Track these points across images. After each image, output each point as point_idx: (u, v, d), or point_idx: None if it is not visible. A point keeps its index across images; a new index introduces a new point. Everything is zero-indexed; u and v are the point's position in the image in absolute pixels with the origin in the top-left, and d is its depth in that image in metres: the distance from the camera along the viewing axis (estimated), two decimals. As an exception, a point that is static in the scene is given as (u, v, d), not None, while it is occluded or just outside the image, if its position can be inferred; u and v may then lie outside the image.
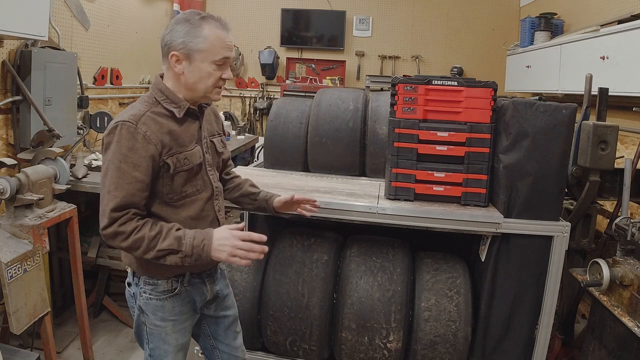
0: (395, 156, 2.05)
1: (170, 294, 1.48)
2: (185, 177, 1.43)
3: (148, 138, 1.33)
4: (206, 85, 1.42)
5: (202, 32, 1.37)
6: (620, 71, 2.65)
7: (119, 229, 1.30)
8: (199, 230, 1.37)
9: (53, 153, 2.41)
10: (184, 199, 1.45)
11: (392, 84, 2.06)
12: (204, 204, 1.50)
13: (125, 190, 1.31)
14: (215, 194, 1.55)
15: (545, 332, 1.97)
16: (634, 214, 2.71)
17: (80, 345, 2.53)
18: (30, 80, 2.55)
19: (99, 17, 3.56)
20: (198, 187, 1.48)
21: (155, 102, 1.42)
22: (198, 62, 1.38)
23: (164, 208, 1.42)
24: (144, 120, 1.35)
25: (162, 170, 1.38)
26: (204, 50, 1.37)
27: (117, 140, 1.32)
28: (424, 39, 5.43)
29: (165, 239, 1.31)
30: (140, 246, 1.31)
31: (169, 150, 1.38)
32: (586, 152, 1.98)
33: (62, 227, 2.78)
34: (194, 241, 1.33)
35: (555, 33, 3.99)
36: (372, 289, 2.04)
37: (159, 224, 1.35)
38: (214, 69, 1.40)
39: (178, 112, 1.42)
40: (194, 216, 1.47)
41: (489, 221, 1.92)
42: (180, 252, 1.32)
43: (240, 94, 5.64)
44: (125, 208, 1.31)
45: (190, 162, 1.44)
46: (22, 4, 2.22)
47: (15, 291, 1.89)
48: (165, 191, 1.41)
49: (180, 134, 1.42)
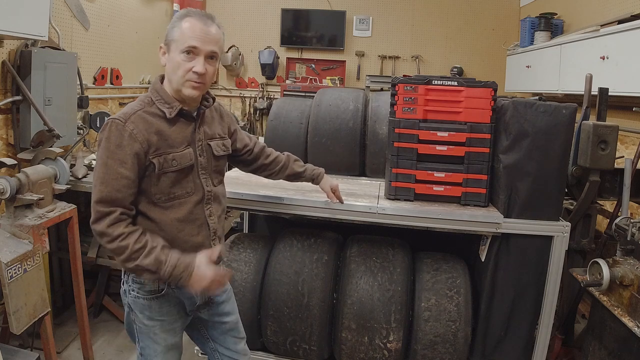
0: (395, 156, 2.05)
1: (157, 294, 1.47)
2: (173, 178, 1.42)
3: (134, 136, 1.35)
4: (177, 76, 1.40)
5: (179, 23, 1.39)
6: (620, 71, 2.65)
7: (107, 229, 1.32)
8: (183, 259, 1.36)
9: (53, 153, 2.41)
10: (172, 200, 1.44)
11: (392, 84, 2.06)
12: (192, 207, 1.48)
13: (111, 186, 1.33)
14: (206, 198, 1.53)
15: (545, 332, 1.97)
16: (634, 214, 2.71)
17: (80, 345, 2.53)
18: (30, 80, 2.55)
19: (99, 17, 3.56)
20: (188, 190, 1.47)
21: (151, 101, 1.43)
22: (172, 52, 1.40)
23: (152, 208, 1.42)
24: (133, 118, 1.37)
25: (149, 169, 1.39)
26: (176, 40, 1.39)
27: (106, 137, 1.35)
28: (424, 39, 5.42)
29: (147, 256, 1.32)
30: (122, 254, 1.32)
31: (156, 150, 1.39)
32: (586, 152, 1.97)
33: (62, 227, 2.78)
34: (174, 270, 1.34)
35: (555, 33, 3.98)
36: (372, 289, 2.04)
37: (145, 238, 1.35)
38: (182, 58, 1.38)
39: (169, 113, 1.42)
40: (181, 218, 1.46)
41: (489, 221, 1.92)
42: (156, 275, 1.34)
43: (240, 94, 5.64)
44: (111, 203, 1.33)
45: (179, 164, 1.43)
46: (22, 4, 2.22)
47: (15, 291, 1.89)
48: (152, 191, 1.41)
49: (170, 134, 1.42)
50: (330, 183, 1.91)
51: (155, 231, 1.42)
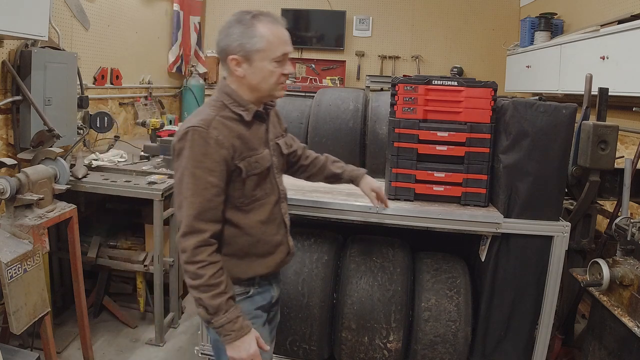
0: (395, 156, 2.05)
1: (246, 296, 1.48)
2: (256, 180, 1.42)
3: (220, 142, 1.32)
4: (269, 84, 1.40)
5: (257, 31, 1.35)
6: (620, 71, 2.65)
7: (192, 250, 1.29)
8: (242, 319, 1.34)
9: (53, 153, 2.41)
10: (254, 202, 1.43)
11: (392, 84, 2.06)
12: (272, 207, 1.49)
13: (202, 197, 1.30)
14: (281, 198, 1.54)
15: (545, 332, 1.97)
16: (634, 214, 2.71)
17: (80, 345, 2.53)
18: (30, 80, 2.55)
19: (99, 17, 3.56)
20: (267, 191, 1.47)
21: (223, 105, 1.40)
22: (258, 62, 1.36)
23: (235, 213, 1.41)
24: (215, 124, 1.34)
25: (235, 174, 1.37)
26: (262, 50, 1.35)
27: (189, 146, 1.31)
28: (424, 39, 5.42)
29: (215, 297, 1.30)
30: (194, 280, 1.30)
31: (241, 154, 1.37)
32: (586, 152, 1.97)
33: (62, 227, 2.78)
34: (228, 324, 1.31)
35: (555, 33, 3.98)
36: (372, 289, 2.04)
37: (222, 277, 1.33)
38: (274, 66, 1.38)
39: (247, 115, 1.40)
40: (264, 220, 1.46)
41: (489, 221, 1.92)
42: (209, 317, 1.32)
43: (240, 94, 5.64)
44: (204, 217, 1.31)
45: (261, 166, 1.43)
46: (22, 4, 2.22)
47: (15, 291, 1.89)
48: (236, 195, 1.39)
49: (249, 137, 1.41)
50: (371, 185, 1.77)
51: (239, 236, 1.42)
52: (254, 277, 1.49)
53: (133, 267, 2.83)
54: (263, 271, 1.50)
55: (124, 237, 3.01)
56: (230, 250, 1.43)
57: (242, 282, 1.47)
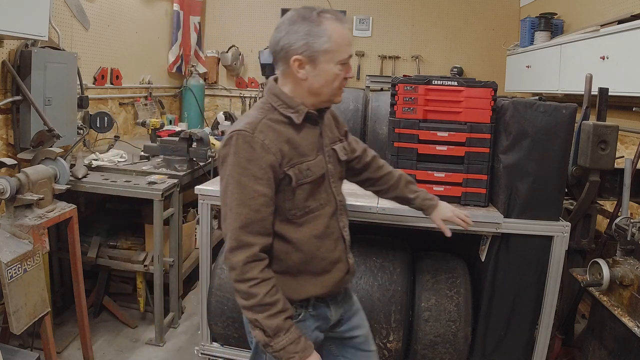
0: (395, 156, 2.05)
1: (296, 320, 1.33)
2: (308, 190, 1.29)
3: (266, 147, 1.21)
4: (332, 88, 1.29)
5: (325, 31, 1.23)
6: (620, 71, 2.65)
7: (242, 267, 1.19)
8: (304, 340, 1.24)
9: (53, 153, 2.41)
10: (307, 214, 1.30)
11: (392, 84, 2.06)
12: (328, 220, 1.35)
13: (249, 207, 1.19)
14: (339, 209, 1.41)
15: (545, 332, 1.97)
16: (634, 214, 2.71)
17: (80, 345, 2.53)
18: (30, 80, 2.55)
19: (99, 17, 3.55)
20: (322, 202, 1.34)
21: (272, 108, 1.29)
22: (323, 64, 1.25)
23: (286, 226, 1.29)
24: (261, 128, 1.23)
25: (284, 182, 1.25)
26: (329, 51, 1.24)
27: (234, 152, 1.21)
28: (424, 39, 5.42)
29: (272, 317, 1.19)
30: (247, 300, 1.20)
31: (290, 161, 1.25)
32: (586, 152, 1.97)
33: (62, 227, 2.78)
34: (290, 345, 1.20)
35: (555, 33, 3.98)
36: (372, 289, 2.04)
37: (278, 295, 1.22)
38: (339, 69, 1.27)
39: (297, 118, 1.28)
40: (318, 234, 1.32)
41: (489, 221, 1.92)
42: (268, 340, 1.21)
43: (240, 94, 5.63)
44: (252, 229, 1.20)
45: (313, 174, 1.30)
46: (22, 4, 2.22)
47: (15, 291, 1.89)
48: (287, 207, 1.27)
49: (299, 142, 1.28)
50: (443, 214, 1.61)
51: (292, 253, 1.30)
52: (308, 298, 1.36)
53: (133, 267, 2.83)
54: (318, 291, 1.36)
55: (124, 237, 3.01)
56: (280, 267, 1.30)
57: (294, 303, 1.34)
